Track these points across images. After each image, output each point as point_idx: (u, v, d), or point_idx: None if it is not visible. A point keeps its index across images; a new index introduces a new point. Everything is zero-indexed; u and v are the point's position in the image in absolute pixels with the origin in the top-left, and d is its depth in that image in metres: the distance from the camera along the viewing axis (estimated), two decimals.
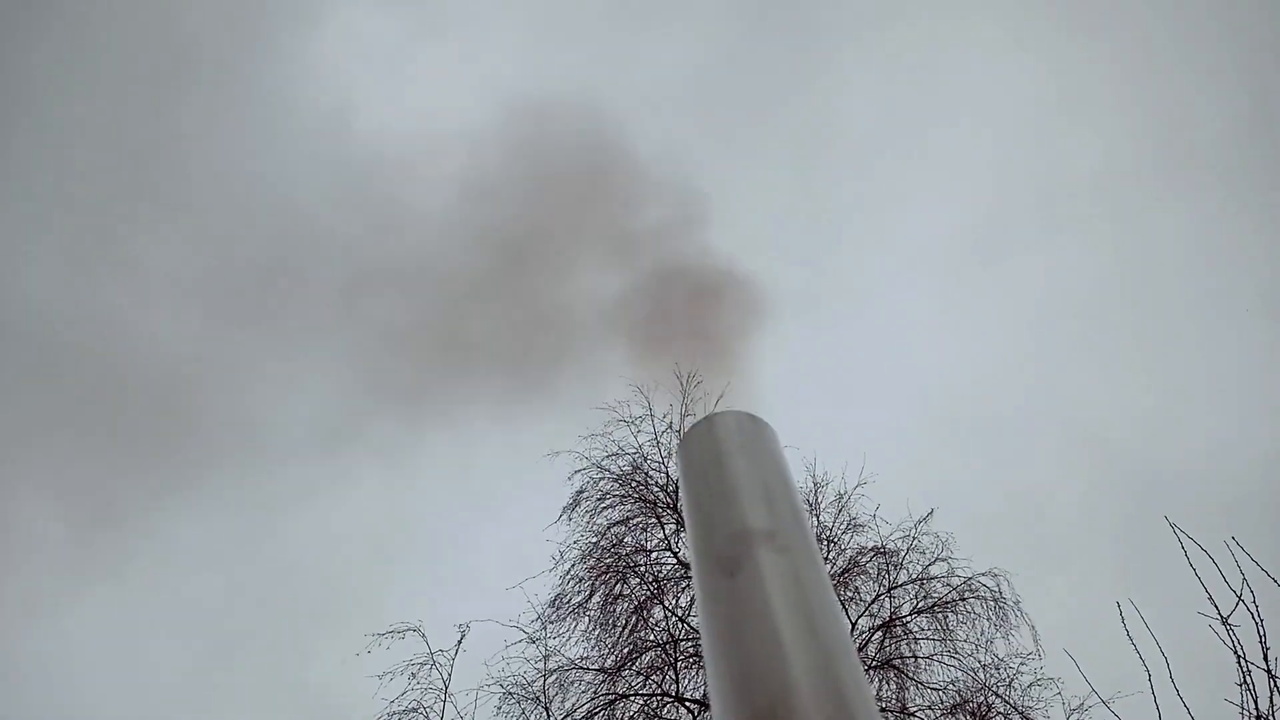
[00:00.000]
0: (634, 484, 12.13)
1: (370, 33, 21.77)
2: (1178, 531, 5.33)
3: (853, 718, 0.50)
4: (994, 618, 10.30)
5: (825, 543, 11.36)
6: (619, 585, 11.39)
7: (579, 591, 11.35)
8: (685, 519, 0.72)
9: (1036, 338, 20.15)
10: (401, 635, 10.11)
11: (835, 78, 21.34)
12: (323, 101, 21.03)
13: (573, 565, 11.67)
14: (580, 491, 12.24)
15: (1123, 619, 5.44)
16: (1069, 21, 21.10)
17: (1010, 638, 10.09)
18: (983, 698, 9.62)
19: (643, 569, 11.58)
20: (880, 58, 21.43)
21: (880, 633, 10.47)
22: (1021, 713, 9.28)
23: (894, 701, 9.95)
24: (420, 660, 9.89)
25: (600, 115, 20.76)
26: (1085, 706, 8.09)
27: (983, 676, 9.79)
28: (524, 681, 10.25)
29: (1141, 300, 19.99)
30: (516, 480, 18.40)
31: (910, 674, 10.08)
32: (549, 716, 9.82)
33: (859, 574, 11.10)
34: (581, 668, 10.70)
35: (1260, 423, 17.15)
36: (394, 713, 9.59)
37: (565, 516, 12.04)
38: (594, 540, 11.82)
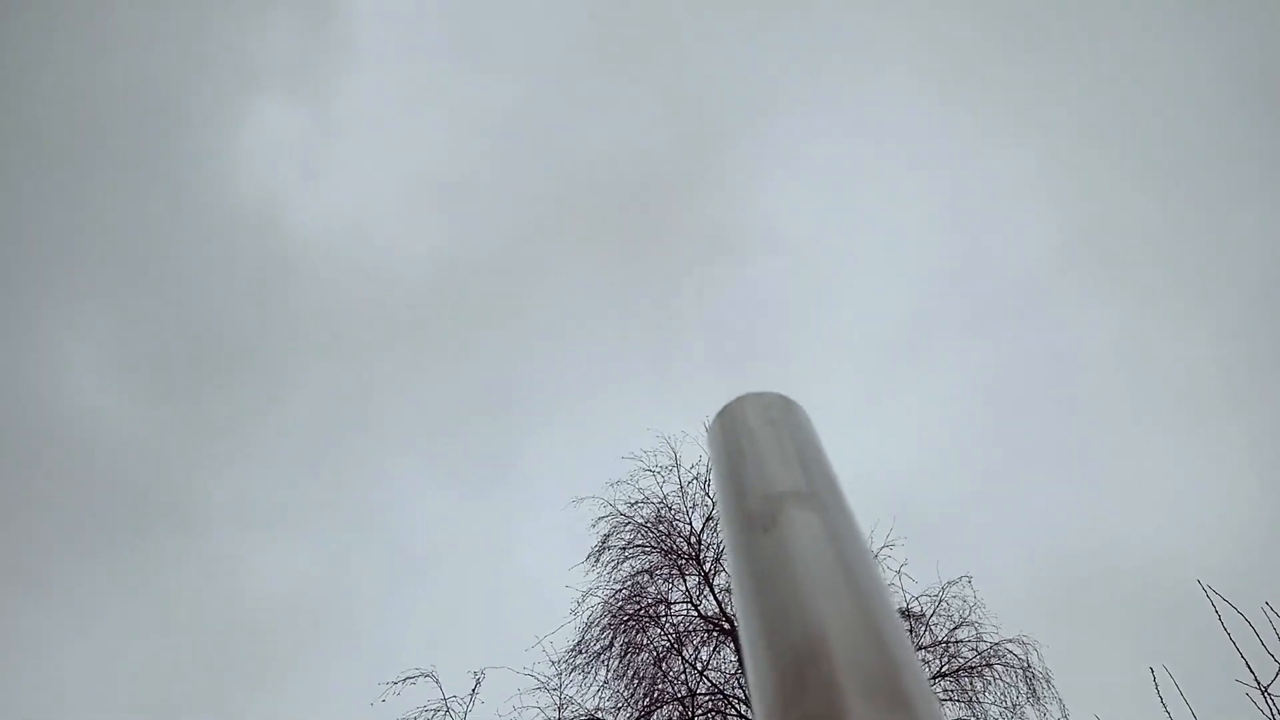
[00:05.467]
0: (658, 533, 12.02)
1: (287, 127, 22.30)
2: (1210, 594, 5.19)
3: (892, 660, 0.48)
4: (1023, 687, 10.04)
5: None
6: (639, 635, 11.23)
7: (600, 640, 11.21)
8: (716, 489, 0.71)
9: (961, 433, 20.13)
10: (414, 681, 10.01)
11: (759, 177, 21.54)
12: (246, 191, 21.62)
13: (593, 614, 11.56)
14: (606, 537, 12.16)
15: (1156, 684, 5.29)
16: (991, 121, 21.32)
17: (1041, 708, 9.83)
18: None
19: (664, 620, 11.43)
20: (804, 157, 21.64)
21: None
22: None
23: None
24: (433, 707, 9.78)
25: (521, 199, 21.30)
26: None
27: None
28: None
29: (1065, 395, 20.06)
30: (537, 524, 18.50)
31: None
32: None
33: None
34: (598, 719, 10.52)
35: (1184, 517, 17.11)
36: None
37: (592, 560, 11.96)
38: (616, 589, 11.71)
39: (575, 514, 13.04)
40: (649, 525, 12.12)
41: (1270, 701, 4.34)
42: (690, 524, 11.98)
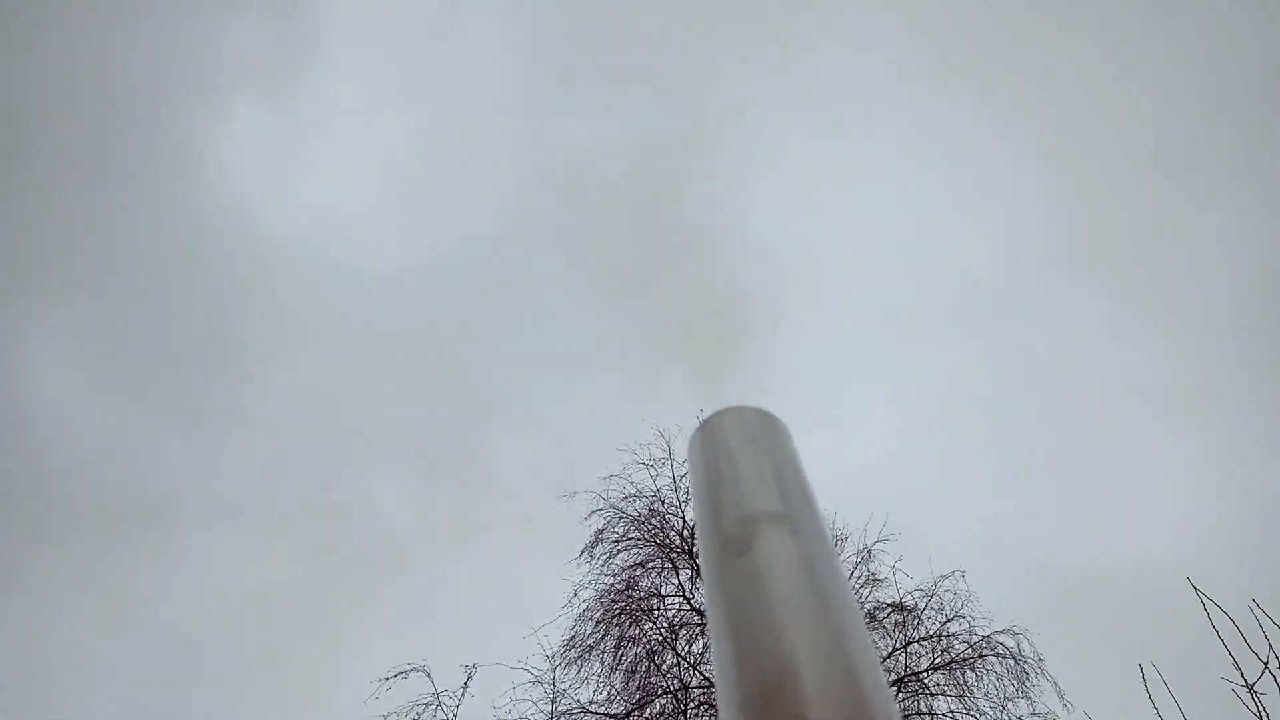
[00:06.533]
0: (650, 527, 12.04)
1: (258, 125, 22.24)
2: (1201, 595, 5.21)
3: (861, 691, 0.48)
4: (1014, 677, 10.08)
5: None
6: (632, 628, 11.26)
7: (593, 634, 11.23)
8: (694, 507, 0.70)
9: (936, 431, 20.22)
10: (406, 676, 9.99)
11: (738, 181, 21.55)
12: (217, 189, 21.58)
13: (586, 607, 11.57)
14: (600, 531, 12.18)
15: (1145, 682, 5.31)
16: (966, 121, 21.36)
17: (1032, 697, 9.86)
18: None
19: (657, 613, 11.45)
20: (779, 157, 21.64)
21: (895, 688, 10.26)
22: None
23: None
24: (425, 700, 9.77)
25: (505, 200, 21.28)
26: None
27: None
28: None
29: (1039, 395, 20.16)
30: (530, 515, 18.54)
31: None
32: None
33: (876, 628, 10.93)
34: (591, 712, 10.54)
35: (1161, 516, 17.25)
36: None
37: (586, 555, 11.97)
38: (609, 581, 11.73)
39: (560, 511, 13.12)
40: (642, 519, 12.15)
41: (1257, 700, 4.36)
42: (683, 518, 12.00)
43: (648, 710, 10.61)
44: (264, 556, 19.79)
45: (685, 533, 11.86)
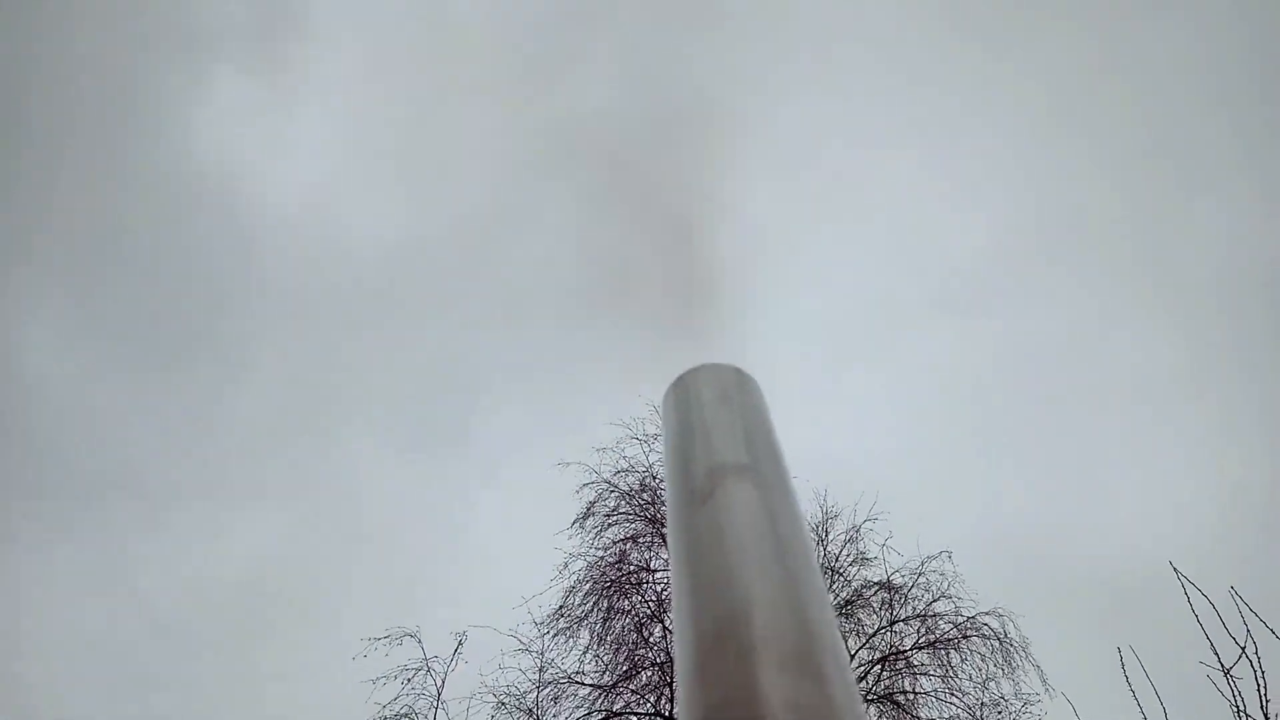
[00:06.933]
0: (642, 502, 12.11)
1: (246, 99, 22.10)
2: (1181, 578, 5.27)
3: (810, 633, 0.50)
4: (999, 658, 10.19)
5: (831, 573, 11.28)
6: (622, 601, 11.35)
7: (582, 606, 11.32)
8: (665, 459, 0.72)
9: (922, 417, 20.31)
10: (399, 641, 10.08)
11: (723, 166, 21.44)
12: (206, 164, 21.49)
13: (577, 579, 11.66)
14: (592, 504, 12.24)
15: (1123, 665, 5.37)
16: (953, 107, 21.28)
17: (1015, 679, 9.97)
18: None
19: (646, 587, 11.54)
20: (764, 138, 21.55)
21: (880, 666, 10.37)
22: None
23: None
24: (415, 666, 9.86)
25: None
26: None
27: (982, 715, 9.67)
28: (518, 693, 10.19)
29: (1025, 382, 20.26)
30: (504, 494, 18.76)
31: (909, 709, 9.98)
32: None
33: (862, 606, 11.02)
34: (577, 682, 10.65)
35: (1144, 503, 17.39)
36: (386, 717, 9.56)
37: (577, 526, 12.04)
38: (600, 554, 11.81)
39: (552, 481, 13.21)
40: (634, 494, 12.21)
41: (1232, 684, 4.42)
42: None
43: (634, 681, 10.72)
44: (250, 528, 19.92)
45: None
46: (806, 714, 0.43)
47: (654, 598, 11.44)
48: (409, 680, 9.70)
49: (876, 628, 10.69)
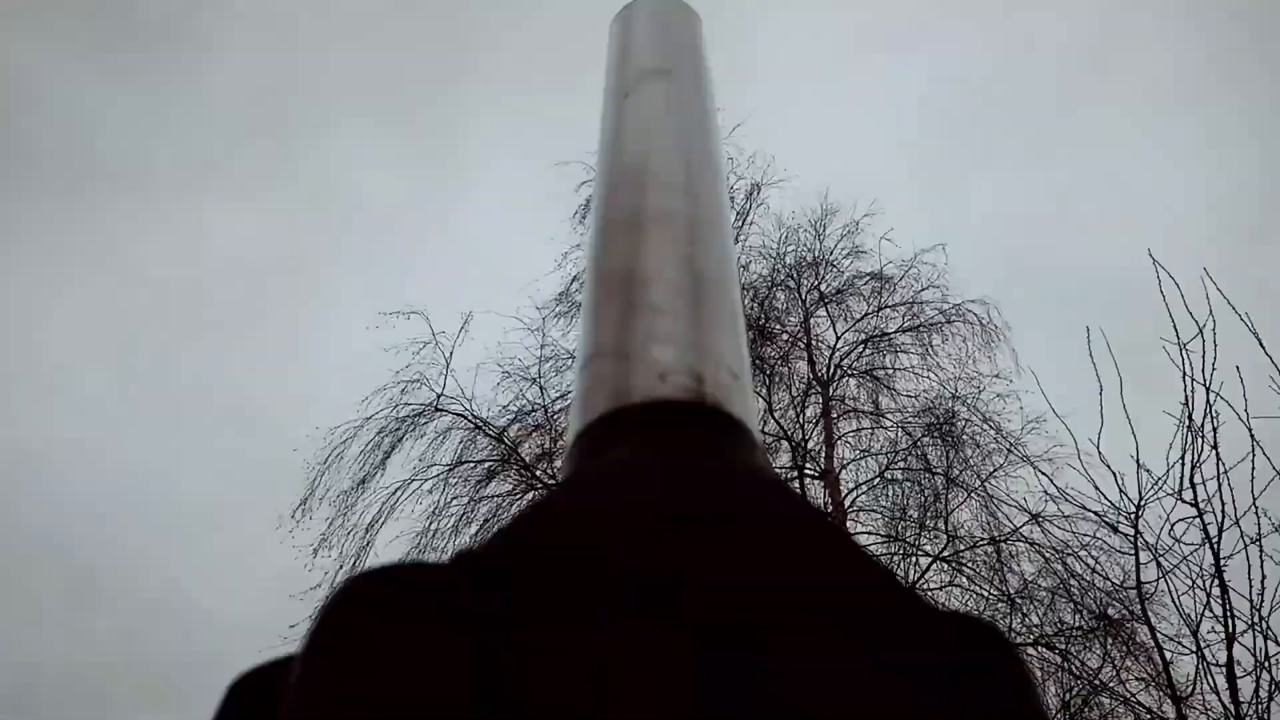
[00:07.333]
0: None
1: None
2: (1157, 265, 5.46)
3: (697, 188, 0.60)
4: (979, 339, 10.63)
5: (824, 264, 11.47)
6: None
7: (580, 291, 11.66)
8: (605, 74, 0.80)
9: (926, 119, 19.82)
10: (407, 316, 10.51)
11: None
12: None
13: (577, 270, 11.91)
14: (589, 200, 12.24)
15: (1088, 341, 5.69)
16: None
17: (994, 359, 10.42)
18: (949, 405, 10.17)
19: None
20: None
21: (865, 345, 10.87)
22: (984, 417, 9.83)
23: (868, 403, 10.56)
24: (424, 340, 10.36)
25: None
26: (1042, 419, 8.51)
27: (954, 388, 10.28)
28: (522, 365, 10.75)
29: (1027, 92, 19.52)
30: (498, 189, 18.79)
31: (886, 382, 10.59)
32: (544, 394, 10.40)
33: (853, 295, 11.32)
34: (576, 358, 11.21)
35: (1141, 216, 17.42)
36: (400, 381, 10.20)
37: (577, 218, 12.12)
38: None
39: (549, 181, 13.30)
40: None
41: (1185, 354, 4.74)
42: None
43: None
44: (243, 219, 20.06)
45: None
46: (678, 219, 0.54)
47: None
48: (418, 352, 10.24)
49: (864, 313, 11.10)
